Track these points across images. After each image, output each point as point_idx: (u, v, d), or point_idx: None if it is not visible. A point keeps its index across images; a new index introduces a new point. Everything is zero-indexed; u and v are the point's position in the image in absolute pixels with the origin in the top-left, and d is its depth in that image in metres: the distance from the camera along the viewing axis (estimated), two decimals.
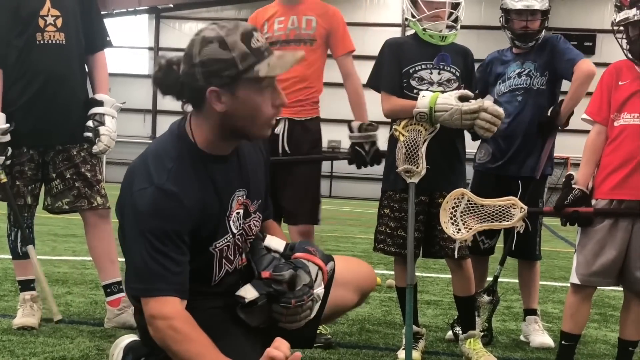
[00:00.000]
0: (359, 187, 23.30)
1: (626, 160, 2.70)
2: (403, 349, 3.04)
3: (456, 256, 2.96)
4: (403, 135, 2.97)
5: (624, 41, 2.72)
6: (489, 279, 3.67)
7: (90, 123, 3.35)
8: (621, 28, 2.73)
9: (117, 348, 2.30)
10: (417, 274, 3.05)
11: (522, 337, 3.65)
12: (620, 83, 2.77)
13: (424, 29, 3.03)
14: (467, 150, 3.18)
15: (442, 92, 2.95)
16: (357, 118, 3.31)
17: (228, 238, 2.13)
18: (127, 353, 2.25)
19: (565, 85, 3.47)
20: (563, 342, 2.86)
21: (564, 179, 2.82)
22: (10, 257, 3.53)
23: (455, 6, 3.01)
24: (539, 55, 3.43)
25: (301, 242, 2.27)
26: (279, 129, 3.26)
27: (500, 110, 2.94)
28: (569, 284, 2.89)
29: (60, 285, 4.47)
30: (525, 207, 2.77)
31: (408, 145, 2.95)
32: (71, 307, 3.84)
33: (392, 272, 3.35)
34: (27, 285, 3.48)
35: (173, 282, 1.97)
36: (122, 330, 3.24)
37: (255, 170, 2.23)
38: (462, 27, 3.16)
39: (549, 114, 3.37)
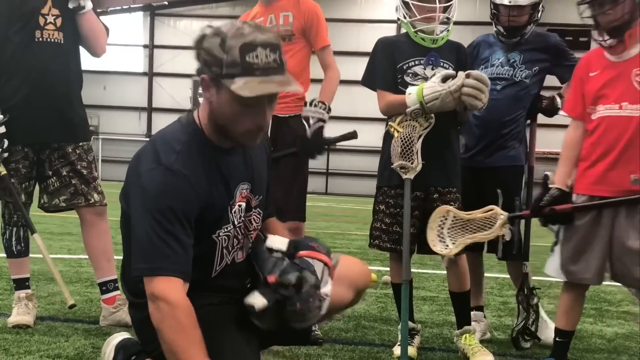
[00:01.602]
0: (355, 184, 23.32)
1: (604, 154, 2.65)
2: (399, 344, 3.04)
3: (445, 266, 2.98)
4: (398, 131, 2.97)
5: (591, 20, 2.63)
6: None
7: None
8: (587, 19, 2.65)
9: (108, 346, 2.30)
10: (412, 270, 3.05)
11: None
12: (590, 74, 2.71)
13: (416, 31, 3.03)
14: None
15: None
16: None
17: (229, 228, 2.13)
18: (118, 351, 2.25)
19: (548, 80, 3.42)
20: (557, 339, 2.86)
21: (541, 179, 2.79)
22: (5, 255, 3.52)
23: (447, 9, 3.01)
24: (527, 48, 3.36)
25: (305, 238, 2.25)
26: None
27: (483, 75, 2.90)
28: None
29: (55, 283, 4.45)
30: (505, 214, 2.75)
31: (403, 141, 2.94)
32: (66, 305, 3.82)
33: (388, 269, 3.35)
34: (22, 283, 3.48)
35: (178, 262, 1.97)
36: (118, 328, 3.23)
37: (259, 166, 2.24)
38: (457, 23, 3.15)
39: (551, 98, 3.29)
